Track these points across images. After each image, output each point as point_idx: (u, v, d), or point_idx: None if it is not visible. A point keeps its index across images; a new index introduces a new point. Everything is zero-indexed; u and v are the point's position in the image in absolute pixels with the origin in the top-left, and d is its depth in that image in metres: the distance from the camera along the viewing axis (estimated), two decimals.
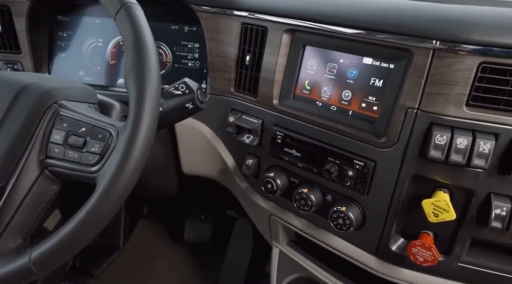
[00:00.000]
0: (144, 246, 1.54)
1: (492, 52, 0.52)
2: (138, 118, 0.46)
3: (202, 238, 1.43)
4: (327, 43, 0.69)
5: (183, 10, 0.82)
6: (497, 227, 0.57)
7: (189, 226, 1.44)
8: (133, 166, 0.46)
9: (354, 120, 0.67)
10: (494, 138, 0.54)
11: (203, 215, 1.49)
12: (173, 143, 0.93)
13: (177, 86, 0.60)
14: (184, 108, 0.60)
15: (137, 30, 0.49)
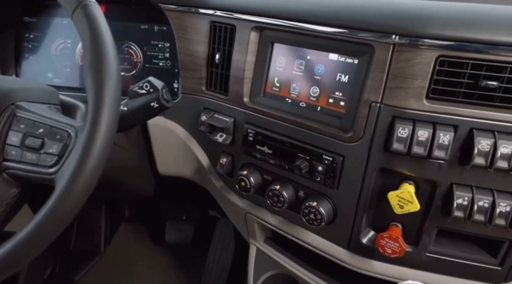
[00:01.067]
0: (125, 249, 1.52)
1: (448, 46, 0.54)
2: (96, 118, 0.45)
3: (183, 239, 1.42)
4: (294, 40, 0.69)
5: (152, 10, 0.82)
6: (459, 216, 0.59)
7: (170, 227, 1.43)
8: (92, 166, 0.45)
9: (322, 116, 0.68)
10: (453, 130, 0.56)
11: (184, 215, 1.48)
12: (147, 144, 0.93)
13: (141, 86, 0.59)
14: (150, 107, 0.60)
15: (94, 28, 0.48)
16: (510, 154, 0.53)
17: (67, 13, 0.84)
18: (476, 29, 0.52)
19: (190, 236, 1.42)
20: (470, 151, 0.55)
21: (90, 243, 1.50)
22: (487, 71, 0.54)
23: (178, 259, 1.44)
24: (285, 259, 0.87)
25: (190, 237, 1.42)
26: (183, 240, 1.42)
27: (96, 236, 1.50)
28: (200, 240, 1.44)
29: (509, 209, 0.56)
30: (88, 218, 1.51)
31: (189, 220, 1.47)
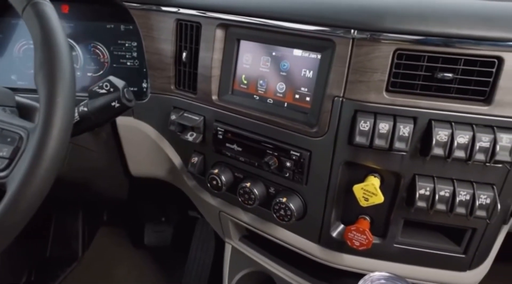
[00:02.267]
0: (104, 253, 1.49)
1: (405, 40, 0.54)
2: (48, 118, 0.44)
3: (163, 241, 1.40)
4: (260, 37, 0.69)
5: (117, 9, 0.80)
6: (422, 206, 0.60)
7: (149, 230, 1.41)
8: (45, 169, 0.44)
9: (289, 112, 0.68)
10: (413, 122, 0.57)
11: (163, 217, 1.47)
12: (117, 145, 0.91)
13: (101, 85, 0.58)
14: (111, 107, 0.59)
15: (44, 26, 0.47)
16: (467, 143, 0.55)
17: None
18: (431, 22, 0.53)
19: (169, 238, 1.40)
20: (429, 142, 0.56)
21: (68, 248, 1.46)
22: (443, 63, 0.55)
23: (158, 261, 1.42)
24: (260, 257, 0.87)
25: (169, 238, 1.40)
26: (163, 242, 1.40)
27: (74, 241, 1.47)
28: (180, 241, 1.43)
29: (468, 198, 0.58)
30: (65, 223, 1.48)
31: (168, 221, 1.45)
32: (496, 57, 0.53)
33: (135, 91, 0.87)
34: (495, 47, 0.52)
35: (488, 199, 0.58)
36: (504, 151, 0.54)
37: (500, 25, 0.52)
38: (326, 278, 0.79)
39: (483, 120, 0.55)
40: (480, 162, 0.55)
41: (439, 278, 0.69)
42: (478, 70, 0.54)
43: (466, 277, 0.68)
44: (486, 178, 0.58)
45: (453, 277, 0.68)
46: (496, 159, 0.54)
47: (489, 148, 0.54)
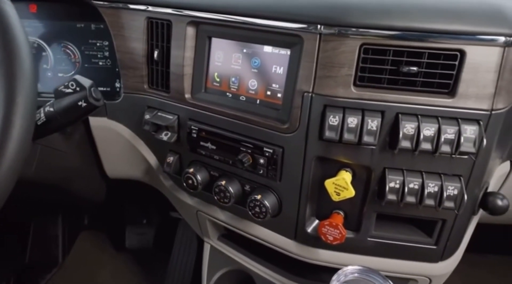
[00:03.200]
0: (86, 258, 1.46)
1: (370, 34, 0.55)
2: (7, 118, 0.43)
3: (145, 243, 1.39)
4: (230, 34, 0.69)
5: (87, 7, 0.79)
6: (392, 199, 0.60)
7: (130, 232, 1.39)
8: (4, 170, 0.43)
9: (262, 109, 0.68)
10: (380, 116, 0.57)
11: (145, 219, 1.45)
12: (92, 147, 0.90)
13: (67, 84, 0.57)
14: (77, 107, 0.57)
15: (3, 24, 0.45)
16: (433, 136, 0.55)
17: None
18: (394, 17, 0.54)
19: (151, 240, 1.39)
20: (397, 135, 0.57)
21: (47, 254, 1.43)
22: (408, 57, 0.56)
23: (140, 264, 1.40)
24: (239, 255, 0.87)
25: (151, 240, 1.39)
26: (145, 244, 1.38)
27: (54, 247, 1.44)
28: (162, 243, 1.41)
29: (437, 189, 0.59)
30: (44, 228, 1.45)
31: (149, 223, 1.44)
32: (458, 50, 0.54)
33: (108, 91, 0.86)
34: (457, 41, 0.53)
35: (455, 190, 0.59)
36: (468, 142, 0.55)
37: (461, 19, 0.53)
38: (303, 274, 0.79)
39: (448, 112, 0.56)
40: (446, 153, 0.56)
41: (412, 269, 0.70)
42: (442, 63, 0.55)
43: (438, 268, 0.69)
44: (453, 169, 0.59)
45: (426, 268, 0.69)
46: (461, 150, 0.55)
47: (454, 139, 0.55)
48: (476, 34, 0.53)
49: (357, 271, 0.61)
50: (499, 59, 0.53)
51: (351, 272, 0.61)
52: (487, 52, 0.53)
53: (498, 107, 0.56)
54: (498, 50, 0.53)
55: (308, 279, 0.79)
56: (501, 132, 0.60)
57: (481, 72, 0.54)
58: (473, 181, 0.60)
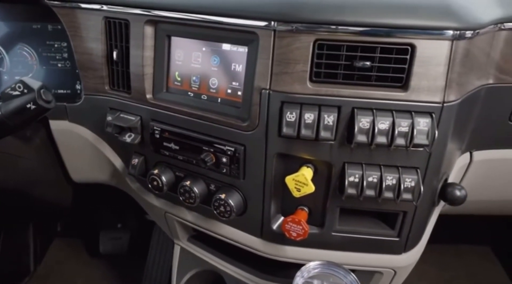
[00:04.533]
0: (59, 266, 1.42)
1: (323, 30, 0.55)
2: None
3: (119, 248, 1.36)
4: (189, 33, 0.68)
5: (42, 8, 0.76)
6: (352, 193, 0.61)
7: (104, 238, 1.36)
8: None
9: (223, 107, 0.68)
10: (337, 111, 0.58)
11: (120, 223, 1.42)
12: (54, 151, 0.87)
13: (13, 87, 0.55)
14: (26, 109, 0.55)
15: None
16: (388, 129, 0.56)
17: None
18: (346, 12, 0.54)
19: (126, 244, 1.36)
20: (353, 130, 0.57)
21: (18, 263, 1.38)
22: (362, 52, 0.56)
23: (116, 269, 1.37)
24: (209, 256, 0.86)
25: (126, 245, 1.36)
26: (119, 249, 1.36)
27: (25, 256, 1.39)
28: (138, 247, 1.39)
29: (395, 182, 0.60)
30: (14, 237, 1.40)
31: (124, 227, 1.41)
32: (409, 45, 0.54)
33: (68, 93, 0.84)
34: (407, 35, 0.54)
35: (412, 182, 0.59)
36: (422, 135, 0.56)
37: (410, 13, 0.54)
38: (273, 272, 0.79)
39: (402, 106, 0.56)
40: (401, 146, 0.56)
41: (377, 262, 0.71)
42: (395, 57, 0.56)
43: (402, 259, 0.70)
44: (410, 162, 0.60)
45: (390, 260, 0.70)
46: (414, 143, 0.56)
47: (408, 132, 0.56)
48: (425, 28, 0.53)
49: (320, 266, 0.61)
50: (448, 53, 0.54)
51: (314, 268, 0.61)
52: (436, 46, 0.54)
53: (450, 100, 0.57)
54: (447, 44, 0.54)
55: (278, 276, 0.79)
56: (455, 124, 0.61)
57: (431, 66, 0.55)
58: (430, 172, 0.61)
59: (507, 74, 0.65)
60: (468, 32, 0.55)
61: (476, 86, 0.63)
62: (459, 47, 0.55)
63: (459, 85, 0.58)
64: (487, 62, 0.63)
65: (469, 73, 0.59)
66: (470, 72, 0.59)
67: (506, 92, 0.68)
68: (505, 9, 0.61)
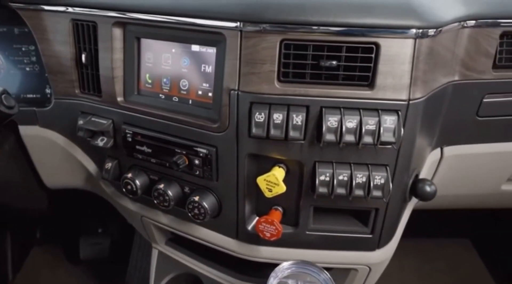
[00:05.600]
0: (38, 274, 1.39)
1: (288, 30, 0.55)
2: None
3: (100, 253, 1.33)
4: (158, 34, 0.67)
5: (7, 11, 0.74)
6: (323, 192, 0.61)
7: (84, 243, 1.33)
8: None
9: (194, 109, 0.67)
10: (305, 111, 0.58)
11: (100, 228, 1.40)
12: (26, 157, 0.85)
13: None
14: None
15: None
16: (355, 127, 0.57)
17: None
18: (310, 12, 0.55)
19: (107, 250, 1.34)
20: (321, 129, 0.57)
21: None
22: (328, 51, 0.56)
23: (97, 275, 1.35)
24: (188, 259, 0.86)
25: (107, 250, 1.34)
26: (100, 254, 1.33)
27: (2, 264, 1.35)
28: (119, 252, 1.37)
29: (365, 180, 0.60)
30: None
31: (105, 232, 1.39)
32: (374, 43, 0.55)
33: (37, 98, 0.82)
34: (371, 34, 0.54)
35: (382, 179, 0.60)
36: (388, 132, 0.56)
37: (373, 13, 0.54)
38: (250, 272, 0.79)
39: (369, 104, 0.57)
40: (369, 144, 0.57)
41: (351, 259, 0.71)
42: (361, 56, 0.56)
43: (376, 255, 0.71)
44: (379, 159, 0.61)
45: (364, 257, 0.71)
46: (381, 140, 0.56)
47: (375, 130, 0.56)
48: (388, 27, 0.54)
49: (293, 265, 0.61)
50: (412, 51, 0.55)
51: (287, 267, 0.61)
52: (400, 44, 0.55)
53: (416, 97, 0.58)
54: (410, 42, 0.55)
55: (255, 277, 0.79)
56: (423, 120, 0.62)
57: (396, 64, 0.55)
58: (399, 169, 0.62)
59: (472, 70, 0.67)
60: (431, 30, 0.55)
61: (443, 83, 0.64)
62: (422, 45, 0.55)
63: (424, 82, 0.58)
64: (452, 59, 0.64)
65: (434, 70, 0.60)
66: (435, 69, 0.60)
67: (473, 88, 0.69)
68: (467, 7, 0.62)
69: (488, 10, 0.64)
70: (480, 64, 0.67)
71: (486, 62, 0.67)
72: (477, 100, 0.70)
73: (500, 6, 0.65)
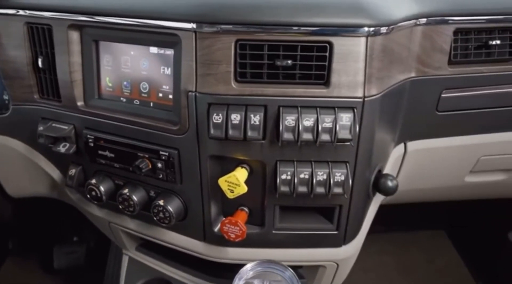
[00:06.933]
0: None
1: (242, 30, 0.55)
2: None
3: (75, 262, 1.30)
4: (116, 37, 0.66)
5: None
6: (285, 191, 0.61)
7: (58, 252, 1.30)
8: None
9: (155, 112, 0.66)
10: (263, 110, 0.58)
11: (75, 236, 1.37)
12: None
13: None
14: None
15: None
16: (312, 126, 0.57)
17: None
18: (264, 12, 0.55)
19: (83, 258, 1.31)
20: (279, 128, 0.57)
21: None
22: (284, 51, 0.57)
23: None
24: (158, 264, 0.85)
25: (82, 258, 1.31)
26: (75, 263, 1.30)
27: None
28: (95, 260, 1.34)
29: (325, 177, 0.61)
30: None
31: (81, 240, 1.35)
32: (327, 42, 0.55)
33: None
34: (324, 33, 0.55)
35: (342, 176, 0.61)
36: (345, 129, 0.57)
37: (325, 12, 0.55)
38: (220, 274, 0.79)
39: (325, 102, 0.58)
40: (326, 142, 0.58)
41: (319, 256, 0.72)
42: (316, 55, 0.57)
43: (342, 251, 0.72)
44: (339, 156, 0.61)
45: (331, 253, 0.72)
46: (338, 138, 0.57)
47: (332, 128, 0.57)
48: (340, 26, 0.55)
49: (256, 266, 0.62)
50: (364, 49, 0.56)
51: (251, 269, 0.61)
52: (353, 43, 0.55)
53: (372, 94, 0.59)
54: (363, 40, 0.56)
55: (226, 278, 0.78)
56: (381, 117, 0.63)
57: (349, 62, 0.56)
58: (360, 165, 0.63)
59: (429, 67, 0.68)
60: (382, 28, 0.56)
61: (400, 80, 0.65)
62: (375, 43, 0.56)
63: (379, 79, 0.59)
64: (408, 56, 0.66)
65: (389, 67, 0.61)
66: (391, 66, 0.62)
67: (431, 84, 0.71)
68: (419, 5, 0.63)
69: (440, 8, 0.65)
70: (436, 60, 0.68)
71: (441, 58, 0.68)
72: (436, 95, 0.72)
73: (452, 3, 0.67)
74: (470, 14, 0.67)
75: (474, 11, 0.68)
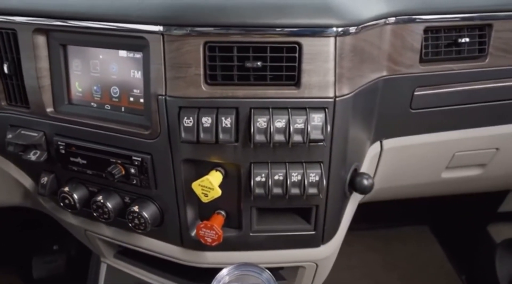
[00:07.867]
0: None
1: (209, 32, 0.55)
2: None
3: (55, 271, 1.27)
4: (84, 41, 0.65)
5: None
6: (260, 193, 0.61)
7: (37, 262, 1.27)
8: None
9: (127, 116, 0.65)
10: (234, 113, 0.57)
11: (55, 245, 1.33)
12: None
13: None
14: None
15: None
16: (284, 127, 0.57)
17: None
18: (230, 14, 0.54)
19: (63, 267, 1.28)
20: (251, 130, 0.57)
21: None
22: (253, 52, 0.56)
23: None
24: (137, 270, 0.83)
25: (62, 268, 1.28)
26: (55, 272, 1.27)
27: None
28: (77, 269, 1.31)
29: (300, 178, 0.60)
30: None
31: (60, 249, 1.32)
32: (296, 43, 0.55)
33: None
34: (292, 34, 0.55)
35: (316, 176, 0.61)
36: (317, 130, 0.57)
37: (292, 13, 0.55)
38: (200, 278, 0.78)
39: (296, 103, 0.57)
40: (299, 143, 0.57)
41: (298, 257, 0.72)
42: (286, 56, 0.56)
43: (321, 251, 0.72)
44: (313, 157, 0.61)
45: (309, 254, 0.71)
46: (311, 138, 0.57)
47: (304, 128, 0.57)
48: (308, 27, 0.55)
49: (233, 269, 0.61)
50: (333, 49, 0.56)
51: (227, 273, 0.61)
52: (321, 43, 0.55)
53: (343, 94, 0.59)
54: (331, 40, 0.55)
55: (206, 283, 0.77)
56: (354, 116, 0.63)
57: (319, 62, 0.56)
58: (335, 165, 0.63)
59: (401, 65, 0.69)
60: (351, 28, 0.56)
61: (372, 79, 0.66)
62: (344, 43, 0.56)
63: (350, 79, 0.59)
64: (379, 55, 0.66)
65: (360, 66, 0.61)
66: (362, 65, 0.62)
67: (403, 82, 0.71)
68: (388, 4, 0.64)
69: (409, 7, 0.66)
70: (407, 58, 0.69)
71: (413, 56, 0.69)
72: (409, 93, 0.73)
73: (421, 2, 0.67)
74: (438, 13, 0.68)
75: (442, 9, 0.69)
